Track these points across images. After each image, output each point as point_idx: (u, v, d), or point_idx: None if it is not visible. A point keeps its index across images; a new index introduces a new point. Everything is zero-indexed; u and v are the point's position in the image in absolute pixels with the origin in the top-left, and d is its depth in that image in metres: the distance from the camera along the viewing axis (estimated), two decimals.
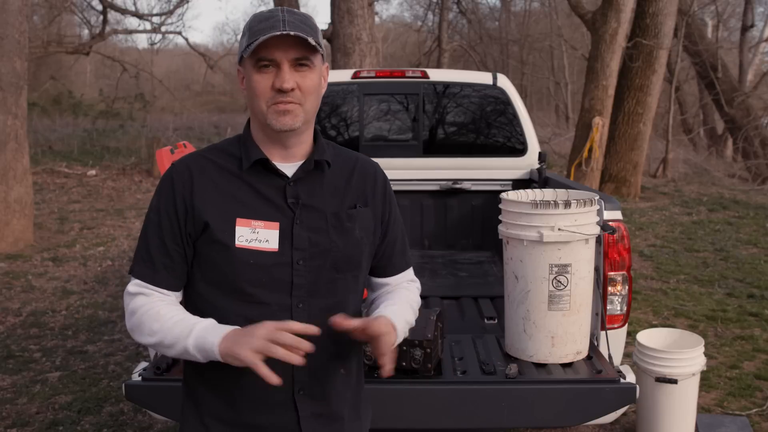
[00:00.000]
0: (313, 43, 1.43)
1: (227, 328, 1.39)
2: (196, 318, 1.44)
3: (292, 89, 1.44)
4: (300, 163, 1.53)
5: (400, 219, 1.70)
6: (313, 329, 1.37)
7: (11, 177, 7.29)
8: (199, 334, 1.40)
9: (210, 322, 1.43)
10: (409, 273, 1.74)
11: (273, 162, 1.51)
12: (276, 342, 1.32)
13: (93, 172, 12.65)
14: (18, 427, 3.57)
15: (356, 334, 1.45)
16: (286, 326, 1.34)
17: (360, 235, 1.56)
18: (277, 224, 1.48)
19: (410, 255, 1.74)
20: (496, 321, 3.17)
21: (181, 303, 1.56)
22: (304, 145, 1.54)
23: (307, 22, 1.47)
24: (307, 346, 1.34)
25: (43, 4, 16.89)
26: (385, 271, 1.68)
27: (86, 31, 18.94)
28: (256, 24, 1.45)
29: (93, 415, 3.69)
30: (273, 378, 1.31)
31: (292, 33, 1.40)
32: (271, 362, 1.44)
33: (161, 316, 1.44)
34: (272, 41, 1.41)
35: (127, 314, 1.51)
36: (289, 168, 1.52)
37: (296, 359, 1.33)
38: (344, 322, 1.43)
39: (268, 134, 1.50)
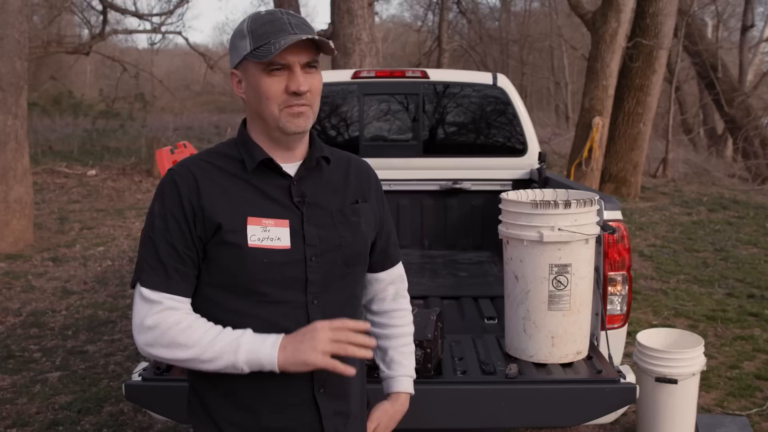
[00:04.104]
0: (332, 46, 1.46)
1: (277, 340, 1.39)
2: (236, 332, 1.40)
3: (307, 91, 1.45)
4: (299, 162, 1.54)
5: (389, 213, 1.75)
6: (365, 326, 1.42)
7: (11, 177, 7.29)
8: (249, 349, 1.37)
9: (250, 334, 1.40)
10: (401, 267, 1.78)
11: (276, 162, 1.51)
12: (342, 341, 1.37)
13: (93, 172, 12.65)
14: (18, 427, 3.57)
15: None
16: (342, 324, 1.39)
17: (366, 230, 1.58)
18: (287, 222, 1.47)
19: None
20: (496, 321, 3.17)
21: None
22: (304, 145, 1.56)
23: (308, 23, 1.48)
24: (373, 342, 1.42)
25: (43, 4, 16.87)
26: (384, 264, 1.71)
27: (86, 31, 18.93)
28: (259, 27, 1.43)
29: (93, 415, 3.69)
30: (350, 369, 1.37)
31: (310, 38, 1.42)
32: None
33: (194, 331, 1.39)
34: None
35: (141, 329, 1.41)
36: (290, 168, 1.52)
37: (368, 354, 1.40)
38: None
39: (274, 137, 1.49)
